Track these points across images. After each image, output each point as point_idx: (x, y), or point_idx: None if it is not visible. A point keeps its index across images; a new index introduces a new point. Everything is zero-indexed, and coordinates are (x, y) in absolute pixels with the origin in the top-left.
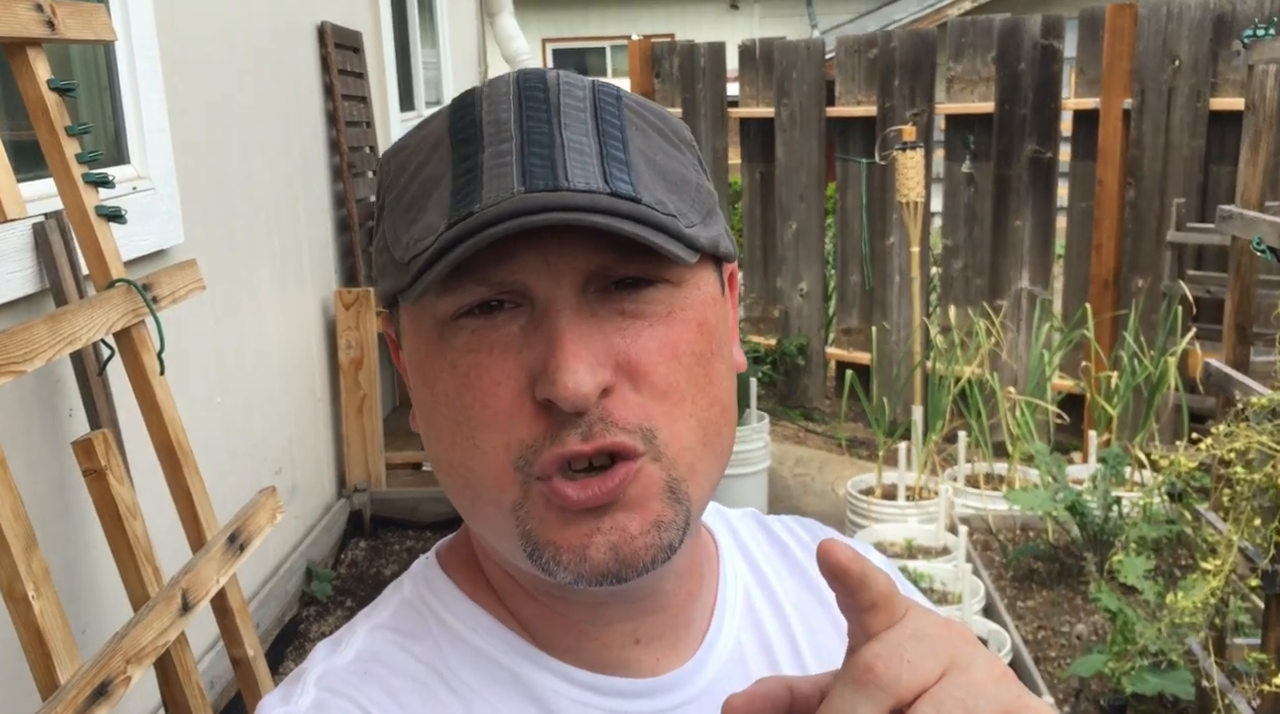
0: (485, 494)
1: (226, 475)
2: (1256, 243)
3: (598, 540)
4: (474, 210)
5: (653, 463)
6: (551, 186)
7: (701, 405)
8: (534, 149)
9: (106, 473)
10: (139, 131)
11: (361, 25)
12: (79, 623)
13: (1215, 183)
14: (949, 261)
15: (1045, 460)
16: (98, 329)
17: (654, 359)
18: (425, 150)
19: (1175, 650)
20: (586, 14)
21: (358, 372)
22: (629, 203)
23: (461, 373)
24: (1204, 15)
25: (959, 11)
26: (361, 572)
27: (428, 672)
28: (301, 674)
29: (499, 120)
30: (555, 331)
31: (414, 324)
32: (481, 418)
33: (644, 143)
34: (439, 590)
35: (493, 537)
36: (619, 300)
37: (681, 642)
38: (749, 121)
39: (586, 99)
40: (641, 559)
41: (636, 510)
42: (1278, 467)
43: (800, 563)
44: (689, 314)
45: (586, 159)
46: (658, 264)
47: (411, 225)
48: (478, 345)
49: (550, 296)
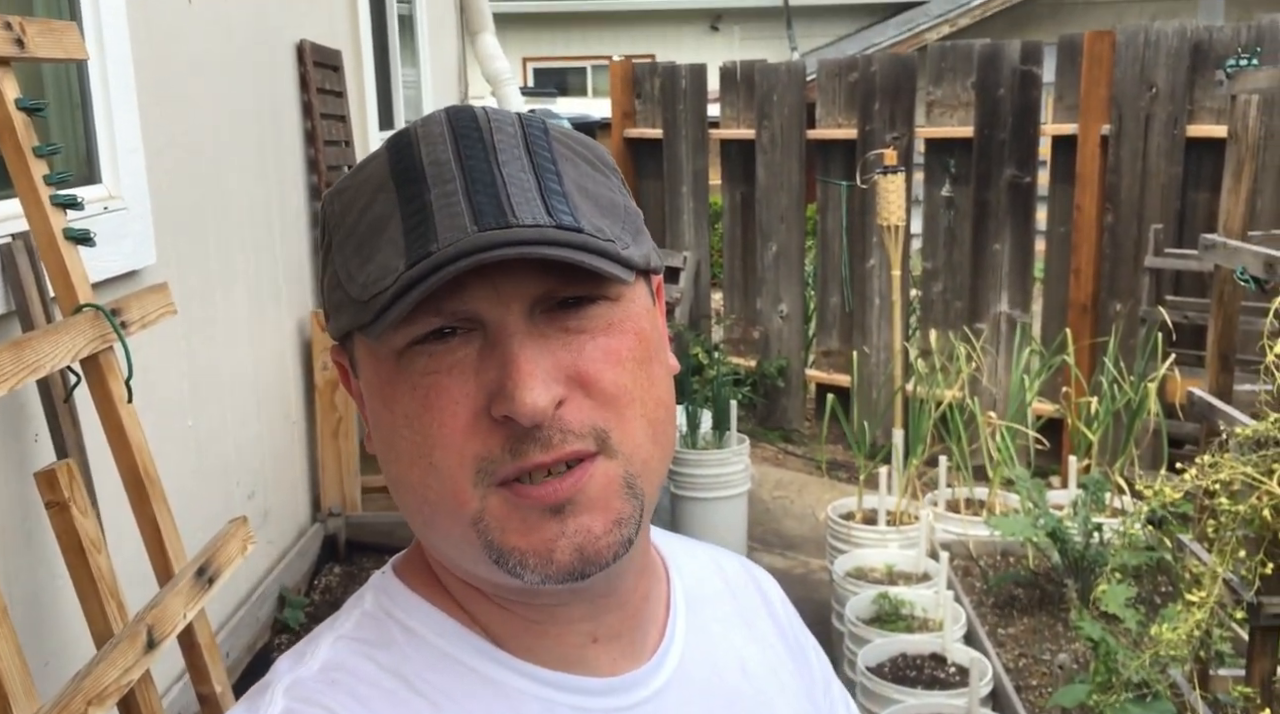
0: (443, 509)
1: (198, 499)
2: (1240, 272)
3: (563, 543)
4: (431, 250)
5: (609, 460)
6: (501, 223)
7: (649, 406)
8: (478, 188)
9: (70, 505)
10: (111, 150)
11: (341, 44)
12: (41, 656)
13: (1192, 209)
14: (928, 284)
15: (1026, 486)
16: (64, 356)
17: (601, 367)
18: (369, 191)
19: (1159, 682)
20: (568, 34)
21: (333, 393)
22: (572, 233)
23: (421, 393)
24: (1181, 43)
25: (937, 36)
26: (336, 598)
27: (394, 679)
28: (267, 686)
29: (439, 160)
30: (509, 353)
31: (371, 354)
32: (440, 436)
33: (575, 172)
34: (399, 599)
35: (452, 549)
36: (563, 319)
37: (638, 641)
38: (730, 143)
39: (517, 134)
40: (604, 556)
41: (598, 510)
42: (1262, 498)
43: (729, 578)
44: (628, 325)
45: (529, 194)
46: (597, 284)
47: (366, 264)
48: (435, 367)
49: (501, 322)
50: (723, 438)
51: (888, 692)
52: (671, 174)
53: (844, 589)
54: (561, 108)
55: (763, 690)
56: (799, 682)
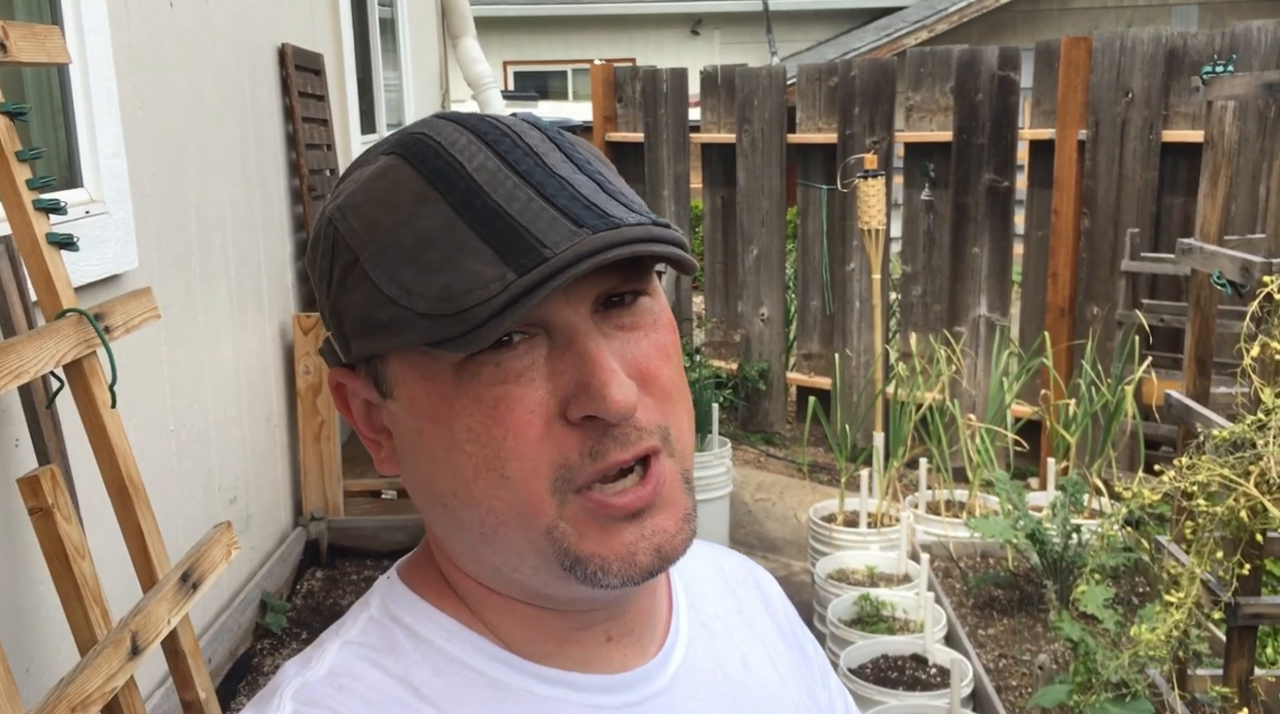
0: (512, 520)
1: (181, 504)
2: (1217, 277)
3: (644, 545)
4: (546, 256)
5: (669, 459)
6: (609, 225)
7: (689, 401)
8: (550, 191)
9: (53, 511)
10: (93, 155)
11: (323, 47)
12: (23, 661)
13: (1168, 213)
14: (908, 288)
15: (1005, 488)
16: (46, 361)
17: (658, 364)
18: (407, 203)
19: (1138, 682)
20: (549, 37)
21: (315, 397)
22: (665, 229)
23: (489, 406)
24: (1156, 49)
25: (916, 42)
26: (318, 602)
27: (401, 686)
28: (275, 690)
29: (486, 167)
30: (588, 353)
31: (418, 371)
32: (514, 447)
33: (607, 171)
34: (406, 604)
35: (514, 560)
36: (617, 316)
37: (646, 636)
38: (710, 147)
39: (543, 138)
40: (679, 552)
41: (669, 508)
42: (1239, 500)
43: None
44: (664, 318)
45: (599, 196)
46: (646, 280)
47: (435, 275)
48: (502, 377)
49: (573, 324)
50: (704, 441)
51: (869, 693)
52: (653, 178)
53: (826, 591)
54: (543, 111)
55: (764, 684)
56: (798, 677)
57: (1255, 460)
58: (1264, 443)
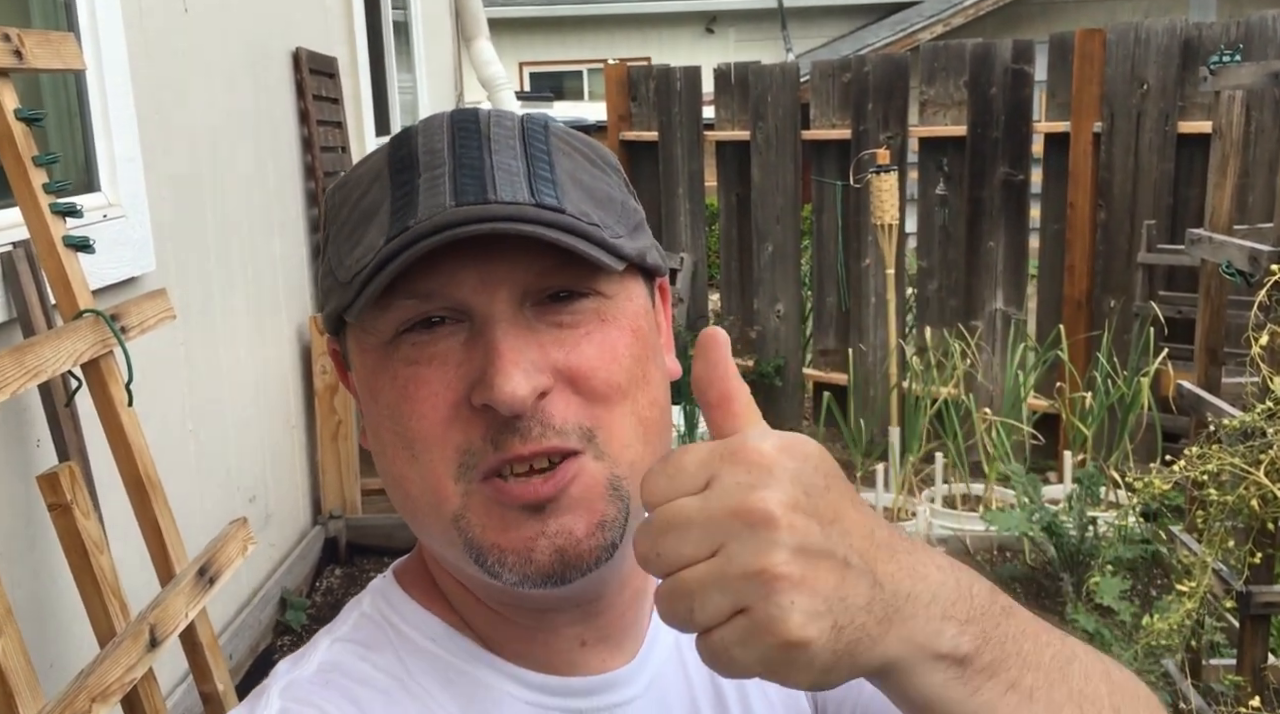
0: (426, 506)
1: (199, 503)
2: (1226, 266)
3: (542, 543)
4: (409, 225)
5: (594, 461)
6: (480, 200)
7: (641, 405)
8: (465, 172)
9: (73, 507)
10: (110, 159)
11: (337, 50)
12: (46, 657)
13: (1184, 205)
14: (924, 283)
15: (1021, 481)
16: (65, 361)
17: (593, 363)
18: (366, 182)
19: (1152, 672)
20: (563, 38)
21: (333, 397)
22: (553, 213)
23: (401, 384)
24: (1171, 40)
25: (930, 36)
26: (337, 600)
27: (388, 680)
28: (265, 689)
29: (433, 149)
30: (492, 341)
31: (359, 344)
32: (419, 430)
33: (570, 164)
34: (396, 604)
35: (439, 547)
36: (555, 313)
37: (625, 642)
38: (725, 144)
39: (515, 128)
40: (586, 560)
41: (581, 511)
42: (1250, 488)
43: None
44: (623, 322)
45: (514, 178)
46: (589, 276)
47: (354, 248)
48: (417, 357)
49: (487, 311)
50: None
51: None
52: (667, 176)
53: None
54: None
55: (742, 685)
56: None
57: (1265, 449)
58: (1274, 431)
